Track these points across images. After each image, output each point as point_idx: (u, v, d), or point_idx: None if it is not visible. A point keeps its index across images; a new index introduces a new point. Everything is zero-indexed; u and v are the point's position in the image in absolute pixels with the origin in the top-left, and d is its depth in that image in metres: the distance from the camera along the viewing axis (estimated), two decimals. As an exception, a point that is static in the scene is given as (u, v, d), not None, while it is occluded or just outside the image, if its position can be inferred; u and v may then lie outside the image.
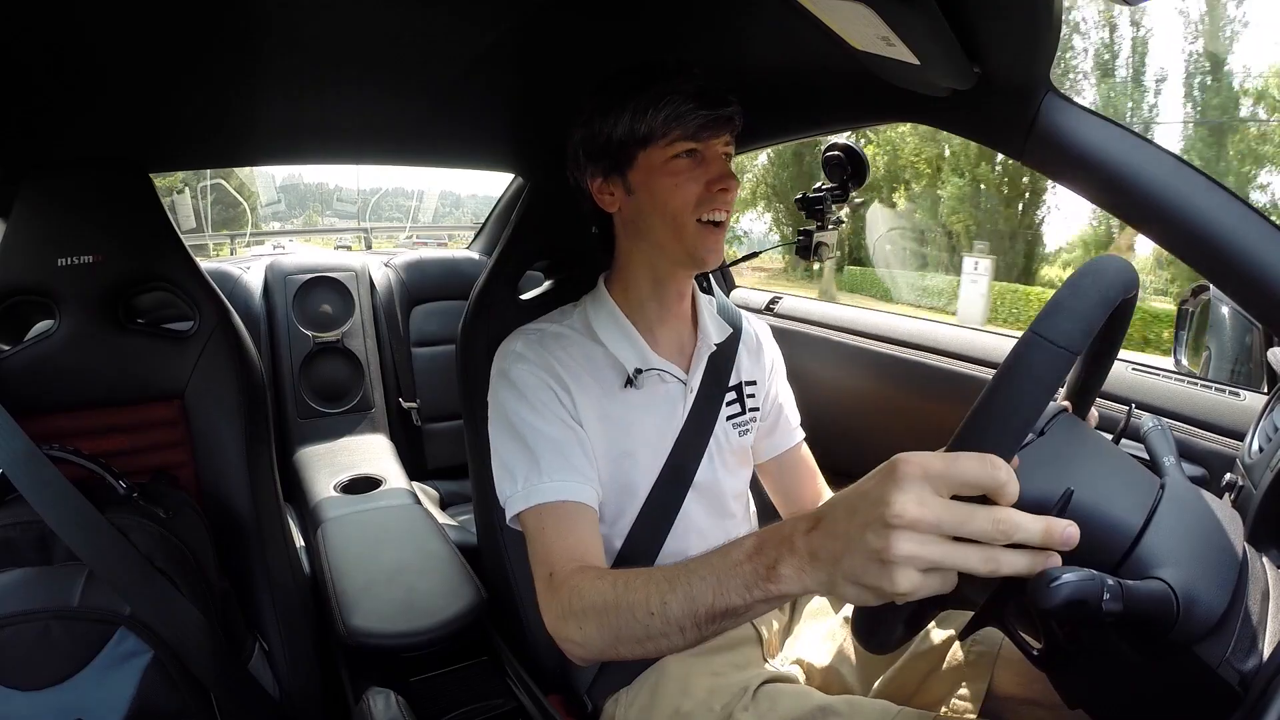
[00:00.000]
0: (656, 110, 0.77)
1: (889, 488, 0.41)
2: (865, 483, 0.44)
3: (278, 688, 0.96)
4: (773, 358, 1.01)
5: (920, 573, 0.41)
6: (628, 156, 0.80)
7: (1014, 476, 0.41)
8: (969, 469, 0.40)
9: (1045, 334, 0.44)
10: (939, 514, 0.40)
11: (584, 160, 0.83)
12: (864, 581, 0.42)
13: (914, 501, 0.40)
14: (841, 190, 1.14)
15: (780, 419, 0.99)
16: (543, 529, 0.74)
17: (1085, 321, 0.45)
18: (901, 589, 0.41)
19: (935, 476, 0.41)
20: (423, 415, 2.02)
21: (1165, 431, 0.59)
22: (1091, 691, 0.54)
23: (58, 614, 0.73)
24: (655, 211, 0.80)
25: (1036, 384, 0.43)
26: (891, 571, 0.40)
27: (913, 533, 0.40)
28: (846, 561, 0.43)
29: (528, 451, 0.76)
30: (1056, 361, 0.44)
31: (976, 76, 0.67)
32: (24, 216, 0.91)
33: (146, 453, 0.98)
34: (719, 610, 0.52)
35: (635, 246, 0.85)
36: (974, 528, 0.40)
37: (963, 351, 1.20)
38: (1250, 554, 0.51)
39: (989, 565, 0.40)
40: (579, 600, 0.64)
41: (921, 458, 0.41)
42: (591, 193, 0.84)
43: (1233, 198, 0.60)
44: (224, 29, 0.72)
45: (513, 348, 0.83)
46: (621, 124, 0.79)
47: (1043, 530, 0.41)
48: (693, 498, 0.87)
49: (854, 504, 0.43)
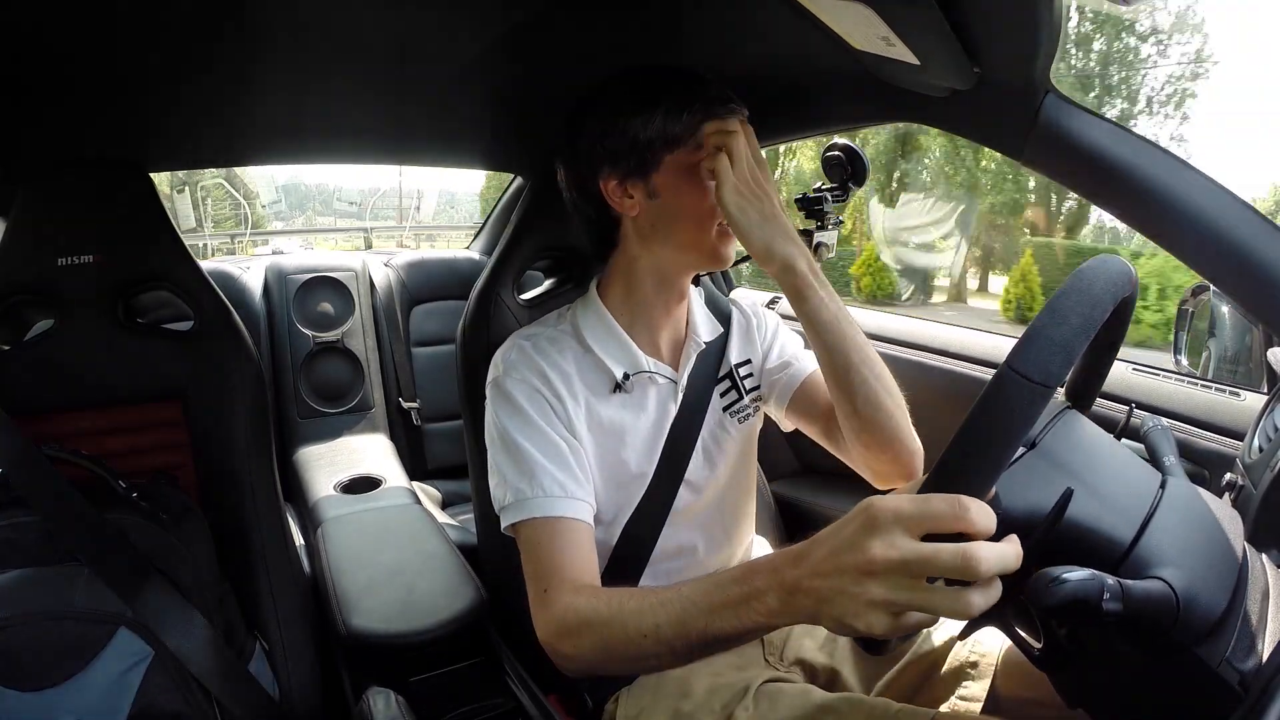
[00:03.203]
0: (692, 112, 0.76)
1: (863, 534, 0.43)
2: (844, 526, 0.45)
3: (277, 688, 0.95)
4: (770, 325, 0.98)
5: (894, 616, 0.43)
6: (655, 159, 0.78)
7: (986, 513, 0.42)
8: (937, 511, 0.42)
9: (1020, 369, 0.43)
10: (906, 555, 0.42)
11: (599, 161, 0.80)
12: (844, 621, 0.44)
13: (884, 545, 0.42)
14: (841, 190, 1.13)
15: (787, 362, 0.95)
16: (536, 543, 0.74)
17: (1064, 352, 0.43)
18: (878, 632, 0.43)
19: (906, 519, 0.42)
20: (423, 415, 2.02)
21: (1165, 431, 0.59)
22: (1092, 691, 0.54)
23: (58, 615, 0.73)
24: (682, 214, 0.79)
25: (1010, 423, 0.43)
26: (867, 615, 0.43)
27: (885, 578, 0.42)
28: (828, 602, 0.45)
29: (521, 464, 0.76)
30: (1032, 398, 0.43)
31: (976, 76, 0.67)
32: (24, 216, 0.91)
33: (146, 453, 0.98)
34: (710, 636, 0.54)
35: (647, 249, 0.83)
36: (941, 564, 0.41)
37: (963, 351, 1.20)
38: (1250, 554, 0.51)
39: (954, 607, 0.42)
40: (573, 620, 0.65)
41: (893, 502, 0.43)
42: (605, 195, 0.81)
43: (1233, 198, 0.60)
44: (224, 29, 0.72)
45: (506, 356, 0.83)
46: (652, 125, 0.77)
47: (1014, 555, 0.42)
48: (687, 494, 0.87)
49: (832, 547, 0.46)
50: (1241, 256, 0.58)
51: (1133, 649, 0.48)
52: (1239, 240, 0.59)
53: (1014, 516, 0.47)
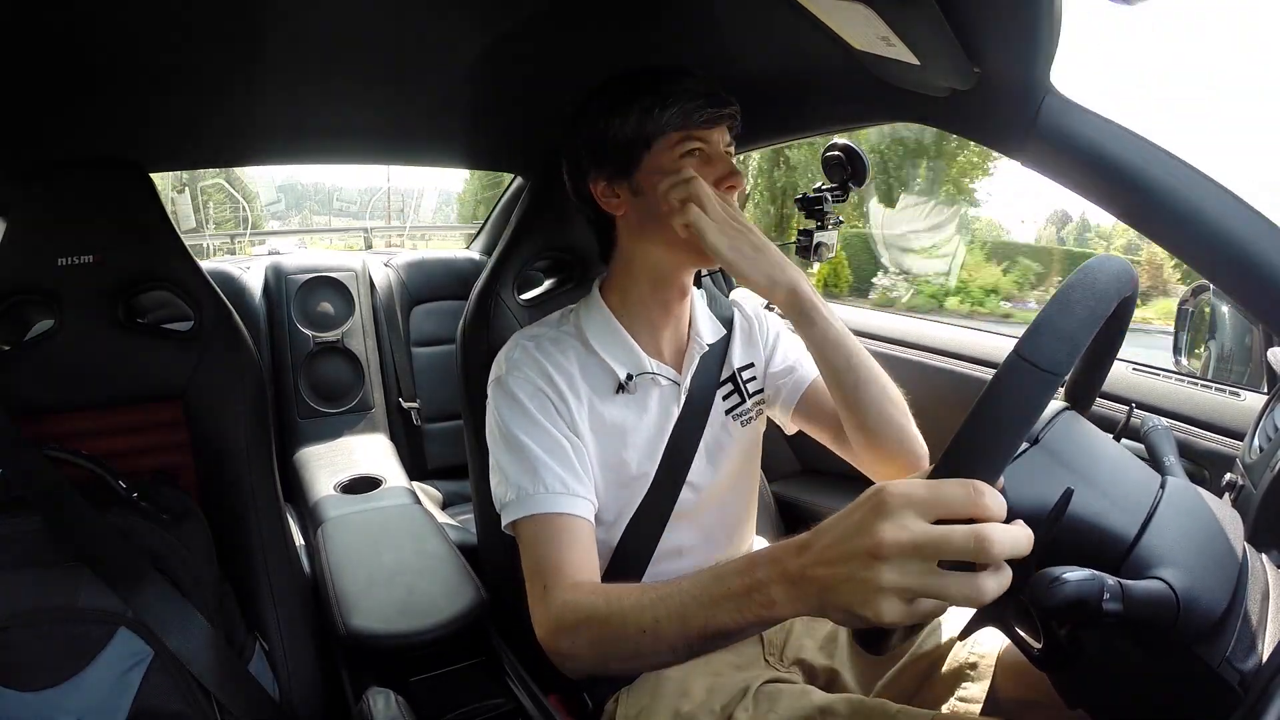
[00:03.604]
0: (664, 109, 0.77)
1: (872, 517, 0.42)
2: (853, 511, 0.45)
3: (277, 688, 0.95)
4: (772, 329, 0.98)
5: (906, 603, 0.42)
6: (634, 158, 0.79)
7: (998, 498, 0.41)
8: (951, 495, 0.41)
9: (1029, 357, 0.43)
10: (918, 537, 0.41)
11: (587, 164, 0.83)
12: (853, 610, 0.43)
13: (895, 528, 0.41)
14: (841, 190, 1.13)
15: (792, 367, 0.95)
16: (536, 541, 0.74)
17: (1071, 342, 0.44)
18: (887, 619, 0.42)
19: (918, 503, 0.41)
20: (423, 415, 2.02)
21: (1165, 431, 0.59)
22: (1091, 691, 0.54)
23: (58, 614, 0.73)
24: (666, 212, 0.79)
25: (1019, 408, 0.43)
26: (877, 601, 0.41)
27: (896, 562, 0.41)
28: (834, 590, 0.44)
29: (524, 462, 0.76)
30: (1040, 385, 0.43)
31: (976, 76, 0.67)
32: (24, 216, 0.91)
33: (147, 453, 0.98)
34: (711, 631, 0.53)
35: (639, 249, 0.84)
36: (954, 546, 0.40)
37: (963, 351, 1.20)
38: (1250, 554, 0.51)
39: (967, 593, 0.41)
40: (571, 617, 0.65)
41: (905, 486, 0.42)
42: (595, 197, 0.83)
43: (1233, 197, 0.60)
44: (224, 29, 0.72)
45: (509, 356, 0.83)
46: (629, 125, 0.78)
47: (1025, 539, 0.41)
48: (688, 495, 0.87)
49: (840, 533, 0.44)
50: (1241, 256, 0.58)
51: (1133, 649, 0.48)
52: (1239, 240, 0.59)
53: (1020, 510, 0.47)
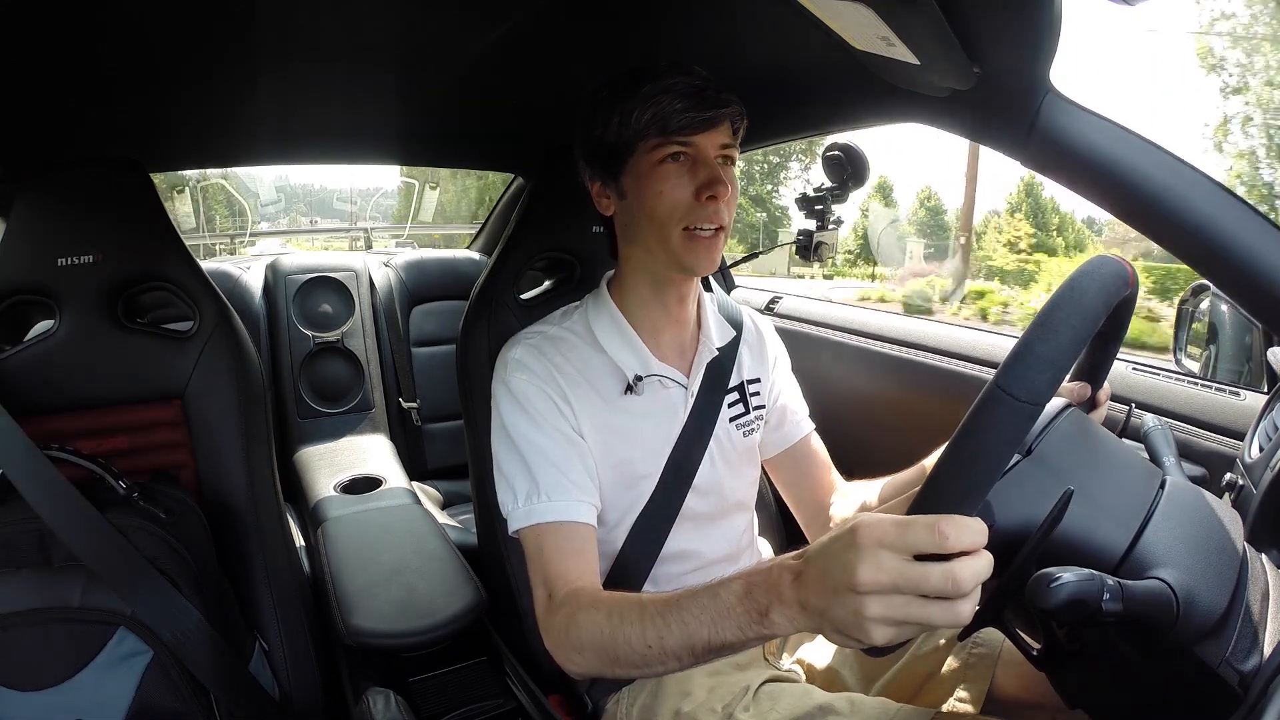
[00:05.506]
0: (642, 111, 0.75)
1: (850, 556, 0.44)
2: (832, 544, 0.46)
3: (277, 688, 0.95)
4: (776, 353, 1.00)
5: (895, 626, 0.44)
6: (618, 161, 0.79)
7: (972, 530, 0.42)
8: (918, 538, 0.43)
9: (1008, 388, 0.43)
10: (895, 578, 0.43)
11: (583, 164, 0.84)
12: (847, 633, 0.45)
13: (872, 569, 0.43)
14: (841, 190, 1.14)
15: (786, 413, 0.98)
16: (541, 548, 0.75)
17: (1053, 369, 0.43)
18: (879, 643, 0.44)
19: (890, 544, 0.43)
20: (423, 415, 2.02)
21: (1165, 431, 0.59)
22: (1091, 692, 0.54)
23: (58, 614, 0.73)
24: (644, 218, 0.79)
25: (996, 442, 0.43)
26: (868, 628, 0.44)
27: (877, 596, 0.43)
28: (829, 615, 0.46)
29: (528, 467, 0.77)
30: (1018, 418, 0.43)
31: (976, 76, 0.67)
32: (24, 216, 0.91)
33: (147, 453, 0.98)
34: (715, 645, 0.55)
35: (632, 251, 0.84)
36: (930, 586, 0.42)
37: (963, 351, 1.20)
38: (1250, 554, 0.51)
39: (950, 618, 0.43)
40: (575, 630, 0.66)
41: (878, 527, 0.44)
42: (592, 196, 0.85)
43: (1233, 197, 0.60)
44: (224, 30, 0.72)
45: (513, 355, 0.83)
46: (611, 128, 0.78)
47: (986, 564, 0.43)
48: (694, 499, 0.87)
49: (823, 567, 0.47)
50: (1241, 256, 0.58)
51: (1132, 649, 0.48)
52: (1239, 240, 0.59)
53: (1006, 528, 0.47)
